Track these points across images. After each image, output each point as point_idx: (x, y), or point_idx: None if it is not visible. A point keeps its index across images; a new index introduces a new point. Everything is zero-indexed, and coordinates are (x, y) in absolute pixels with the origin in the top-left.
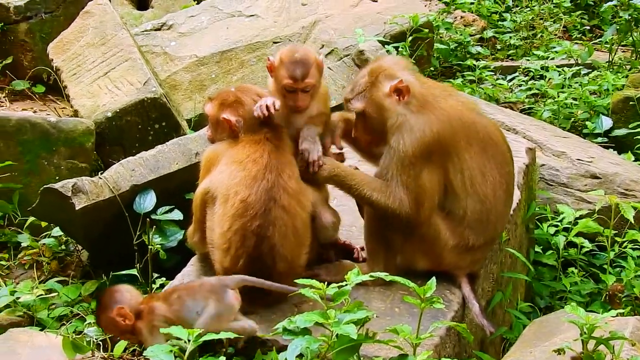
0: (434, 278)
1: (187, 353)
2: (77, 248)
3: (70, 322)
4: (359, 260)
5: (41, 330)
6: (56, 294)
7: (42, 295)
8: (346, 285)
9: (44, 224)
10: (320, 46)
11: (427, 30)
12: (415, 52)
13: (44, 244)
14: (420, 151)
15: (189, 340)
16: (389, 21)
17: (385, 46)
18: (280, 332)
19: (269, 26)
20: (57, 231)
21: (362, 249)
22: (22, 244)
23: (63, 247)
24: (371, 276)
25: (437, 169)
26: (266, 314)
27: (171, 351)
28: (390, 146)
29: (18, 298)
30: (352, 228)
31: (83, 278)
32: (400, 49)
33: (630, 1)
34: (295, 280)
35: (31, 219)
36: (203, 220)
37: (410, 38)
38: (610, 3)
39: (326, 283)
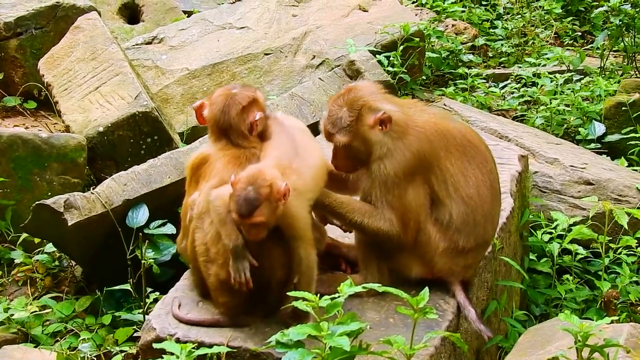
0: (426, 288)
1: None
2: (70, 264)
3: (65, 338)
4: (347, 272)
5: (35, 346)
6: (50, 310)
7: (36, 311)
8: (339, 297)
9: (37, 240)
10: (311, 57)
11: (418, 39)
12: (406, 61)
13: (37, 260)
14: (403, 172)
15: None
16: (379, 31)
17: (377, 56)
18: (273, 345)
19: (260, 38)
20: (50, 247)
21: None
22: (15, 261)
23: (56, 263)
24: (364, 287)
25: (422, 184)
26: (260, 326)
27: None
28: (372, 171)
29: (12, 315)
30: (345, 239)
31: (77, 294)
32: (391, 59)
33: (621, 6)
34: (288, 293)
35: (24, 235)
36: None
37: (401, 47)
38: (601, 9)
39: (319, 295)
